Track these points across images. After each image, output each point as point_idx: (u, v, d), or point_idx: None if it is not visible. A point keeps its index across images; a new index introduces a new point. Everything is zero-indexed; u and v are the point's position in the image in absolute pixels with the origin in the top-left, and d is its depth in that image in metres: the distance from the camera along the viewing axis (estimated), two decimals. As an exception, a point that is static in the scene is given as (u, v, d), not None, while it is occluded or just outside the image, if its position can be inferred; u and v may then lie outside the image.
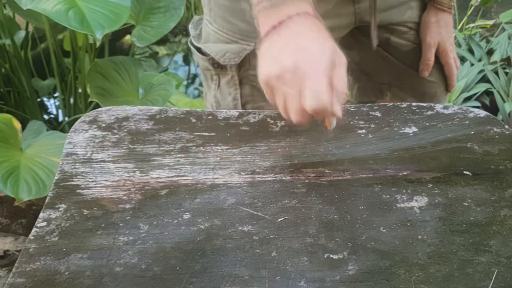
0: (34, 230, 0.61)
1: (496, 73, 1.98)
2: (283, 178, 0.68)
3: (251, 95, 0.92)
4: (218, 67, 0.94)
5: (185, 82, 2.60)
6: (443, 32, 1.00)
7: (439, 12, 1.00)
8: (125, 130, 0.76)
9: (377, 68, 1.09)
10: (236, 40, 0.92)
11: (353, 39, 1.03)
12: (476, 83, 2.00)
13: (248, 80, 0.93)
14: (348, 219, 0.62)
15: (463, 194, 0.66)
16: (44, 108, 2.31)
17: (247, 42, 0.91)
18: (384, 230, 0.61)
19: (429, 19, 1.00)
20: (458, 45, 2.26)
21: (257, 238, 0.60)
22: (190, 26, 1.02)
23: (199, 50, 0.97)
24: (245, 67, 0.92)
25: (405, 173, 0.69)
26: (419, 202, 0.65)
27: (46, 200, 0.65)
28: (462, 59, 2.13)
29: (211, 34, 0.96)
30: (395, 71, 1.06)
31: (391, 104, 0.81)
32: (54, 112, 2.27)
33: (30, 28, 2.10)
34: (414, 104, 0.81)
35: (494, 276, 0.55)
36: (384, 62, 1.06)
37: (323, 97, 0.61)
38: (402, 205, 0.64)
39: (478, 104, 1.92)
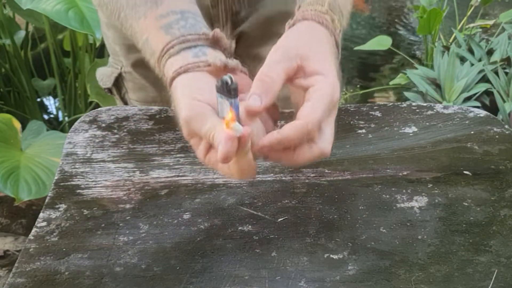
0: (34, 230, 0.61)
1: (496, 73, 1.98)
2: (283, 178, 0.68)
3: None
4: (108, 92, 0.94)
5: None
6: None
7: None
8: (125, 130, 0.76)
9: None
10: (112, 63, 0.92)
11: None
12: (476, 83, 2.00)
13: (132, 104, 0.92)
14: (348, 219, 0.62)
15: (463, 194, 0.66)
16: (44, 108, 2.31)
17: (116, 64, 0.91)
18: (384, 230, 0.61)
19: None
20: (458, 45, 2.26)
21: (257, 238, 0.60)
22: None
23: None
24: (123, 90, 0.91)
25: (405, 173, 0.69)
26: (419, 202, 0.65)
27: (46, 200, 0.65)
28: (462, 59, 2.13)
29: None
30: None
31: (391, 103, 0.81)
32: (54, 112, 2.27)
33: (30, 28, 2.10)
34: (414, 103, 0.81)
35: (494, 276, 0.55)
36: None
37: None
38: (402, 205, 0.64)
39: (478, 104, 1.92)
